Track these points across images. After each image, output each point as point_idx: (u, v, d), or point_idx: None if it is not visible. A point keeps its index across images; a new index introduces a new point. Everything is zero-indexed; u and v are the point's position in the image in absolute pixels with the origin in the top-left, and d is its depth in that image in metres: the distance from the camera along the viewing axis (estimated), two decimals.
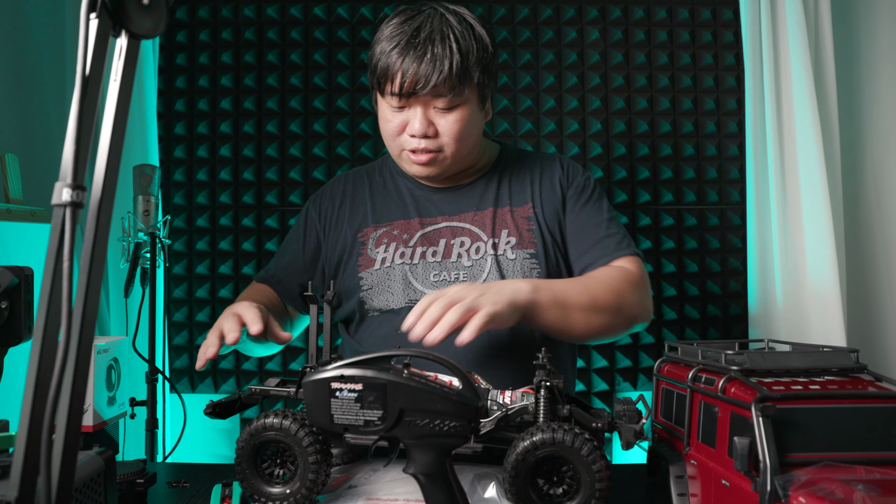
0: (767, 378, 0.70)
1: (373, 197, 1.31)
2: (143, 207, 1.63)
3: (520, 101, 2.00)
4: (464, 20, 1.15)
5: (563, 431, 0.71)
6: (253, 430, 0.79)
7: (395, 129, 1.17)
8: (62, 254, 0.43)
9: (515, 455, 0.71)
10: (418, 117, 1.14)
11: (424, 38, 1.10)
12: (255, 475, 0.80)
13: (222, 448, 1.96)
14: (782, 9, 1.69)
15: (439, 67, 1.09)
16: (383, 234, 1.26)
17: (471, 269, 1.20)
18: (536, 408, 0.77)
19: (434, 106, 1.14)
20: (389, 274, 1.22)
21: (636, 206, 1.98)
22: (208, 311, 1.99)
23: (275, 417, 0.79)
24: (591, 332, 1.12)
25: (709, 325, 1.98)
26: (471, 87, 1.14)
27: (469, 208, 1.25)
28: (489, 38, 1.17)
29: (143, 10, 0.48)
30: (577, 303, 1.08)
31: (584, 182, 1.27)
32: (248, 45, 2.01)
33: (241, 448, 0.80)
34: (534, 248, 1.21)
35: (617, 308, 1.11)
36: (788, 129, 1.70)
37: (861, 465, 0.60)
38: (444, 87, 1.11)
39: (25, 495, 0.41)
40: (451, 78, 1.10)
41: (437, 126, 1.15)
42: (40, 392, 0.42)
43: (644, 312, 1.17)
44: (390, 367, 0.75)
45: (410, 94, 1.12)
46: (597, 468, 0.70)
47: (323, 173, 2.00)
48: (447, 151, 1.17)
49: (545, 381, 0.77)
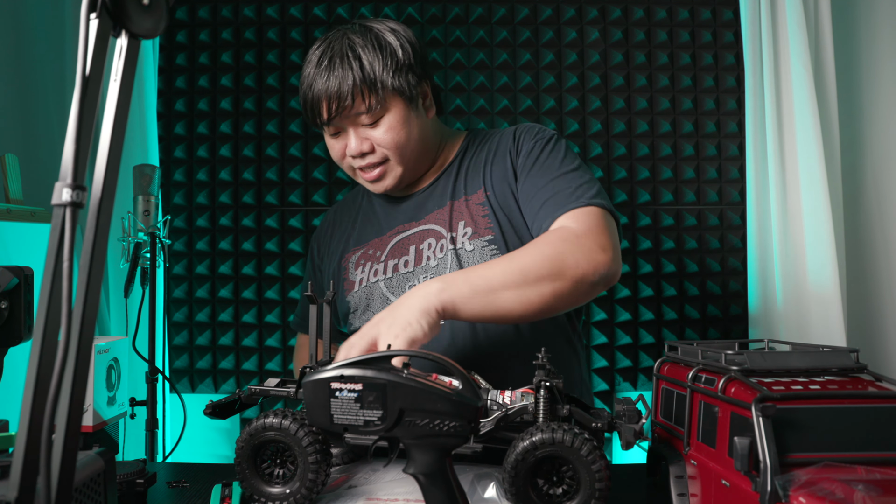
0: (767, 378, 0.70)
1: (354, 221, 1.34)
2: (143, 207, 1.62)
3: (520, 101, 2.00)
4: (369, 33, 1.16)
5: (562, 431, 0.71)
6: (253, 430, 0.79)
7: (339, 154, 1.21)
8: (62, 254, 0.43)
9: (515, 455, 0.71)
10: (351, 138, 1.17)
11: (327, 64, 1.14)
12: (255, 475, 0.80)
13: (222, 448, 1.96)
14: (782, 9, 1.69)
15: (344, 86, 1.12)
16: (361, 256, 1.28)
17: (436, 268, 1.18)
18: (536, 408, 0.77)
19: (361, 123, 1.16)
20: (368, 293, 1.23)
21: (636, 206, 1.98)
22: (208, 311, 1.99)
23: (274, 417, 0.79)
24: (532, 309, 1.00)
25: (709, 325, 1.98)
26: (389, 94, 1.14)
27: (433, 208, 1.25)
28: (401, 42, 1.17)
29: (143, 10, 0.48)
30: (503, 282, 0.98)
31: (533, 144, 1.19)
32: (248, 45, 2.01)
33: (240, 448, 0.80)
34: (491, 233, 1.17)
35: (556, 272, 0.99)
36: (788, 129, 1.70)
37: (861, 465, 0.60)
38: (357, 105, 1.13)
39: (25, 495, 0.41)
40: (359, 94, 1.12)
41: (372, 140, 1.16)
42: (40, 392, 0.42)
43: (594, 267, 1.02)
44: (390, 367, 0.75)
45: (333, 120, 1.15)
46: (596, 468, 0.70)
47: (323, 173, 2.00)
48: (393, 160, 1.18)
49: (545, 381, 0.77)
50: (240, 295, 1.98)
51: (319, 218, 1.99)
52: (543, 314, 1.02)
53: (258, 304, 1.98)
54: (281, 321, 1.97)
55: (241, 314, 1.98)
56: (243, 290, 1.98)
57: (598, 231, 1.06)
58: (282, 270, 1.99)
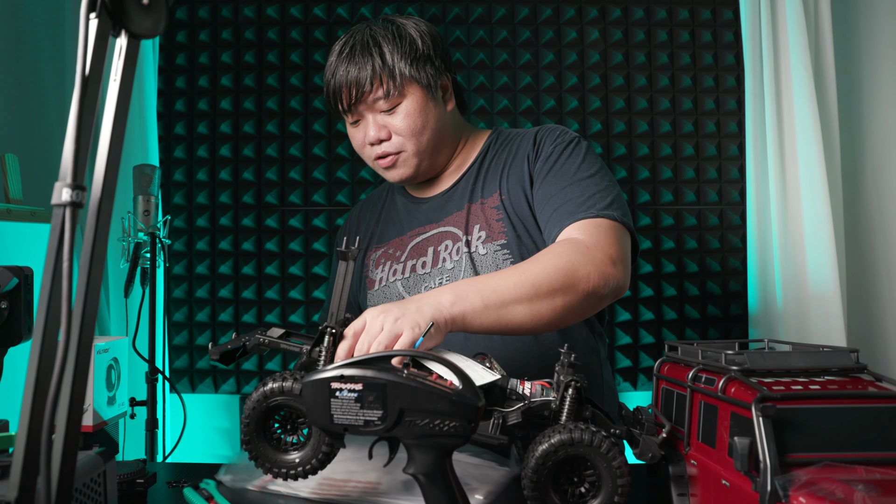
0: (767, 378, 0.70)
1: (378, 219, 1.36)
2: (143, 207, 1.63)
3: (520, 101, 2.00)
4: (391, 25, 1.20)
5: (580, 430, 0.71)
6: (254, 400, 0.75)
7: (359, 143, 1.23)
8: (62, 254, 0.43)
9: (535, 459, 0.71)
10: (369, 125, 1.19)
11: (349, 52, 1.18)
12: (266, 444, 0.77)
13: (222, 448, 1.96)
14: (782, 9, 1.69)
15: (363, 73, 1.16)
16: (381, 255, 1.30)
17: (452, 270, 1.19)
18: (561, 406, 0.76)
19: (380, 111, 1.18)
20: (386, 293, 1.24)
21: (636, 206, 1.98)
22: (208, 311, 1.99)
23: (284, 381, 0.75)
24: (543, 323, 0.99)
25: (709, 325, 1.98)
26: (407, 82, 1.17)
27: (452, 210, 1.25)
28: (422, 34, 1.19)
29: (143, 10, 0.48)
30: (515, 296, 0.95)
31: (553, 148, 1.18)
32: (248, 45, 2.01)
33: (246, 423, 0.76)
34: (504, 237, 1.17)
35: (568, 286, 0.98)
36: (788, 129, 1.70)
37: (861, 465, 0.60)
38: (375, 90, 1.16)
39: (25, 495, 0.41)
40: (377, 80, 1.15)
41: (389, 128, 1.19)
42: (40, 392, 0.42)
43: (605, 280, 1.01)
44: (390, 367, 0.75)
45: (353, 107, 1.18)
46: (617, 464, 0.70)
47: (323, 173, 2.00)
48: (408, 149, 1.20)
49: (575, 381, 0.76)
50: (240, 295, 1.98)
51: (319, 218, 1.99)
52: (553, 328, 1.02)
53: (258, 304, 1.98)
54: (281, 321, 1.97)
55: (241, 314, 1.98)
56: (243, 290, 1.98)
57: (608, 243, 1.04)
58: (282, 271, 1.99)
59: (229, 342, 0.86)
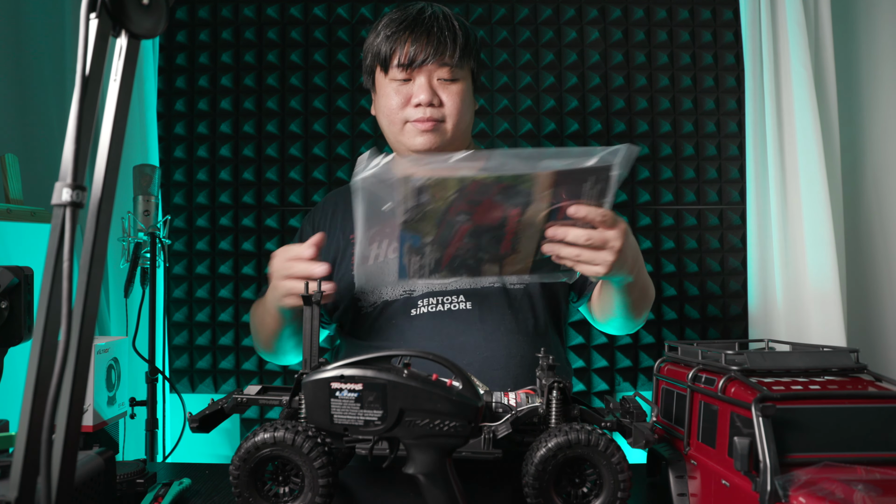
0: (767, 378, 0.70)
1: None
2: (143, 207, 1.63)
3: (520, 100, 2.00)
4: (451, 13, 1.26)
5: (576, 431, 0.71)
6: (245, 452, 0.73)
7: (400, 102, 1.23)
8: (62, 254, 0.43)
9: (535, 466, 0.71)
10: (424, 86, 1.20)
11: (429, 17, 1.21)
12: (260, 499, 0.74)
13: (222, 448, 1.96)
14: (782, 9, 1.69)
15: (447, 37, 1.19)
16: (376, 233, 1.27)
17: None
18: (548, 409, 0.76)
19: (438, 77, 1.21)
20: (383, 268, 1.23)
21: (636, 206, 1.98)
22: (208, 310, 1.99)
23: (265, 432, 0.73)
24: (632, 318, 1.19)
25: (709, 325, 1.98)
26: (468, 66, 1.23)
27: None
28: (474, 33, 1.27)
29: (143, 10, 0.48)
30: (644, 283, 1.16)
31: None
32: (248, 45, 2.01)
33: (236, 475, 0.73)
34: None
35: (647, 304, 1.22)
36: (788, 129, 1.70)
37: (861, 465, 0.60)
38: (450, 57, 1.19)
39: (25, 495, 0.41)
40: (457, 49, 1.19)
41: (441, 96, 1.22)
42: (40, 392, 0.42)
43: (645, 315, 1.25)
44: (390, 367, 0.75)
45: (417, 64, 1.19)
46: (616, 461, 0.70)
47: (323, 173, 2.00)
48: (448, 123, 1.23)
49: (557, 383, 0.76)
50: (240, 295, 1.98)
51: None
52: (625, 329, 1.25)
53: None
54: None
55: (241, 314, 1.98)
56: (243, 290, 1.98)
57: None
58: None
59: (207, 408, 0.83)
